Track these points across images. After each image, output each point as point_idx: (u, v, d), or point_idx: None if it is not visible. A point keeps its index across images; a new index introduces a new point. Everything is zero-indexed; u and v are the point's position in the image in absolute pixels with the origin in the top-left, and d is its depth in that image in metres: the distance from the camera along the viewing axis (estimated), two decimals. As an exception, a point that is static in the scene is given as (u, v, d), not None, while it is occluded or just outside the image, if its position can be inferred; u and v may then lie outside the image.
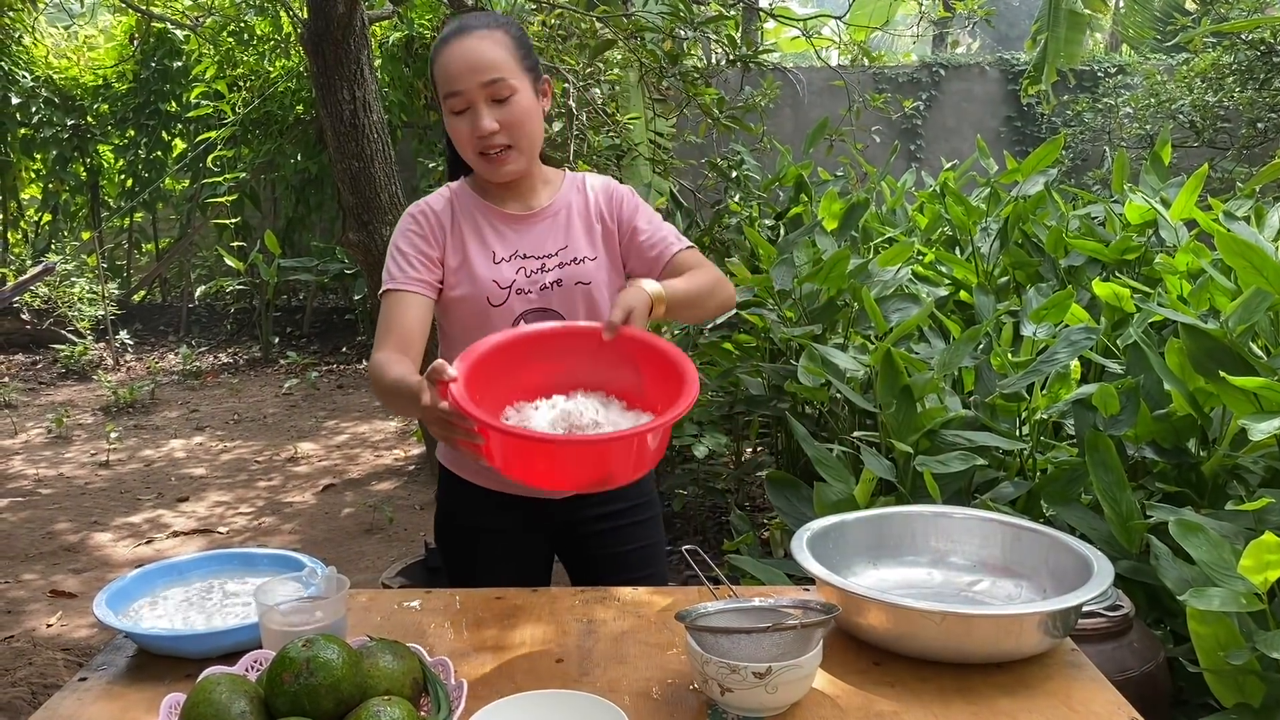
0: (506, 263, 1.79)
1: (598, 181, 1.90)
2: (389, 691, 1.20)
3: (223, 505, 5.17)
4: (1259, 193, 3.98)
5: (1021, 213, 3.80)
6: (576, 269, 1.80)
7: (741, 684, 1.24)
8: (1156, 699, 2.03)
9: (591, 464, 1.42)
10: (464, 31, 1.72)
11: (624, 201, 1.87)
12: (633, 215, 1.86)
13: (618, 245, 1.86)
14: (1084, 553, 1.50)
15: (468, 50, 1.70)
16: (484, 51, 1.70)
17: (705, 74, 4.81)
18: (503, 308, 1.76)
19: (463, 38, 1.71)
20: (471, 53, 1.70)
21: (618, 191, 1.89)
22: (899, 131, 10.59)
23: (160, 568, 1.63)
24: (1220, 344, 2.28)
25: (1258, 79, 7.86)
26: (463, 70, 1.69)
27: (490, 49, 1.70)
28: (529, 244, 1.81)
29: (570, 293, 1.79)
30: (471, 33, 1.71)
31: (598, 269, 1.82)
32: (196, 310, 10.33)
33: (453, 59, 1.71)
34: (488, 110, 1.70)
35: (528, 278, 1.78)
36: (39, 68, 9.61)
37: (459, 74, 1.70)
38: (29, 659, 3.42)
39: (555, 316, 1.76)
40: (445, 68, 1.72)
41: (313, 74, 4.36)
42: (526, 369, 1.56)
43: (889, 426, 2.65)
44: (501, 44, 1.71)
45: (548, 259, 1.80)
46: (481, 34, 1.71)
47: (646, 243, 1.84)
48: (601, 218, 1.86)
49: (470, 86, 1.69)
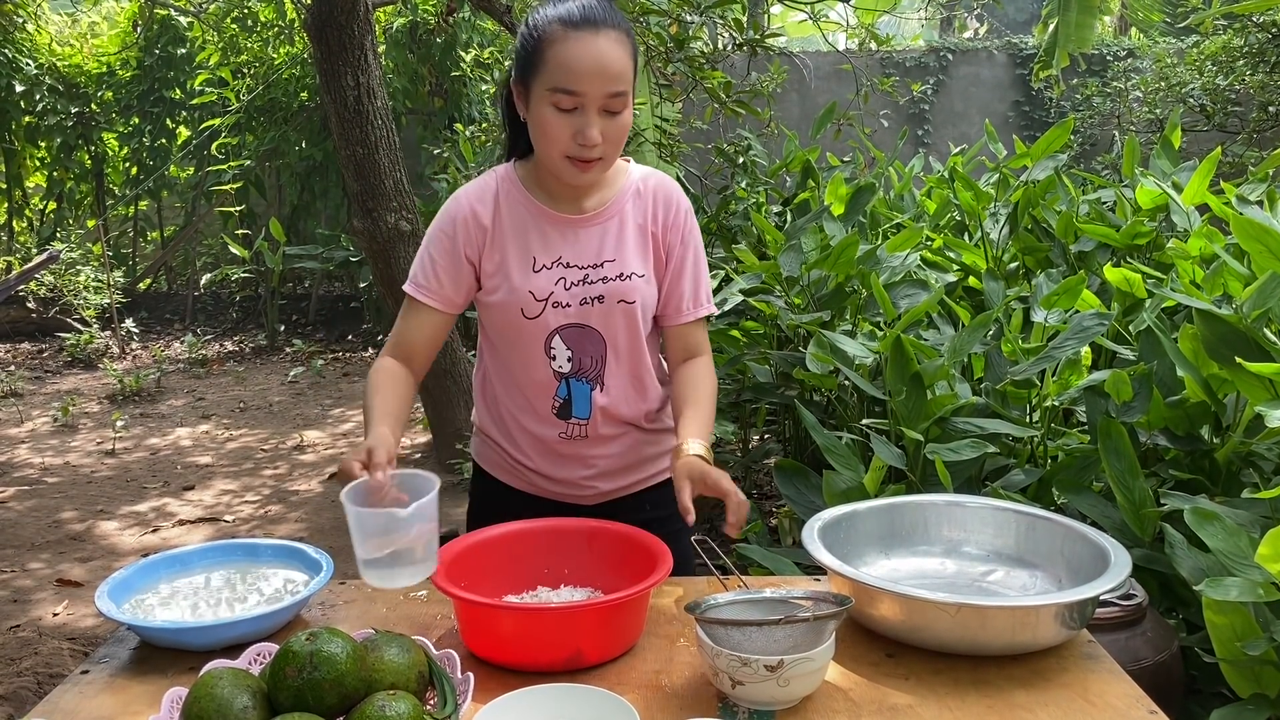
0: (547, 270, 1.68)
1: (659, 186, 1.75)
2: (394, 685, 1.18)
3: (229, 494, 5.16)
4: (1271, 176, 3.94)
5: (1031, 198, 3.77)
6: (622, 286, 1.69)
7: (753, 677, 1.22)
8: (1170, 689, 2.01)
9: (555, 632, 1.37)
10: (595, 26, 1.54)
11: (682, 225, 1.75)
12: (685, 249, 1.74)
13: (661, 267, 1.75)
14: (1100, 542, 1.47)
15: (600, 53, 1.53)
16: (615, 59, 1.55)
17: (712, 58, 4.77)
18: (537, 321, 1.69)
19: (595, 35, 1.54)
20: (604, 56, 1.54)
21: (678, 207, 1.75)
22: (906, 116, 10.54)
23: (163, 559, 1.61)
24: (1235, 329, 2.25)
25: (1269, 62, 7.78)
26: (591, 73, 1.53)
27: (620, 56, 1.55)
28: (574, 251, 1.70)
29: (611, 311, 1.69)
30: (602, 31, 1.54)
31: (646, 287, 1.71)
32: (202, 298, 10.32)
33: (581, 57, 1.53)
34: (598, 119, 1.56)
35: (567, 290, 1.68)
36: (43, 55, 9.59)
37: (585, 76, 1.53)
38: (35, 648, 3.42)
39: (593, 334, 1.70)
40: (568, 63, 1.54)
41: (317, 60, 4.34)
42: (516, 561, 1.56)
43: (899, 414, 2.62)
44: (628, 50, 1.57)
45: (592, 269, 1.69)
46: (612, 35, 1.55)
47: (673, 288, 1.74)
48: (656, 232, 1.73)
49: (592, 92, 1.54)
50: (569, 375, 1.72)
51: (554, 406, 1.74)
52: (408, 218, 4.69)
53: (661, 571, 1.42)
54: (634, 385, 1.76)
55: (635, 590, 1.37)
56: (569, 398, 1.73)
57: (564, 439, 1.76)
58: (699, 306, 1.76)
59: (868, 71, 7.62)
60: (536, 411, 1.76)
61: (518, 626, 1.37)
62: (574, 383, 1.72)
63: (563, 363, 1.71)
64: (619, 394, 1.74)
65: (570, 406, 1.74)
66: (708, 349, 1.80)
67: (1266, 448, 2.34)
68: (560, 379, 1.72)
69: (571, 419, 1.75)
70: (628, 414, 1.77)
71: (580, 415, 1.74)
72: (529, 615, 1.38)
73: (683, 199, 1.77)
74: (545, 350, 1.71)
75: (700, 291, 1.76)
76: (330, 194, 9.35)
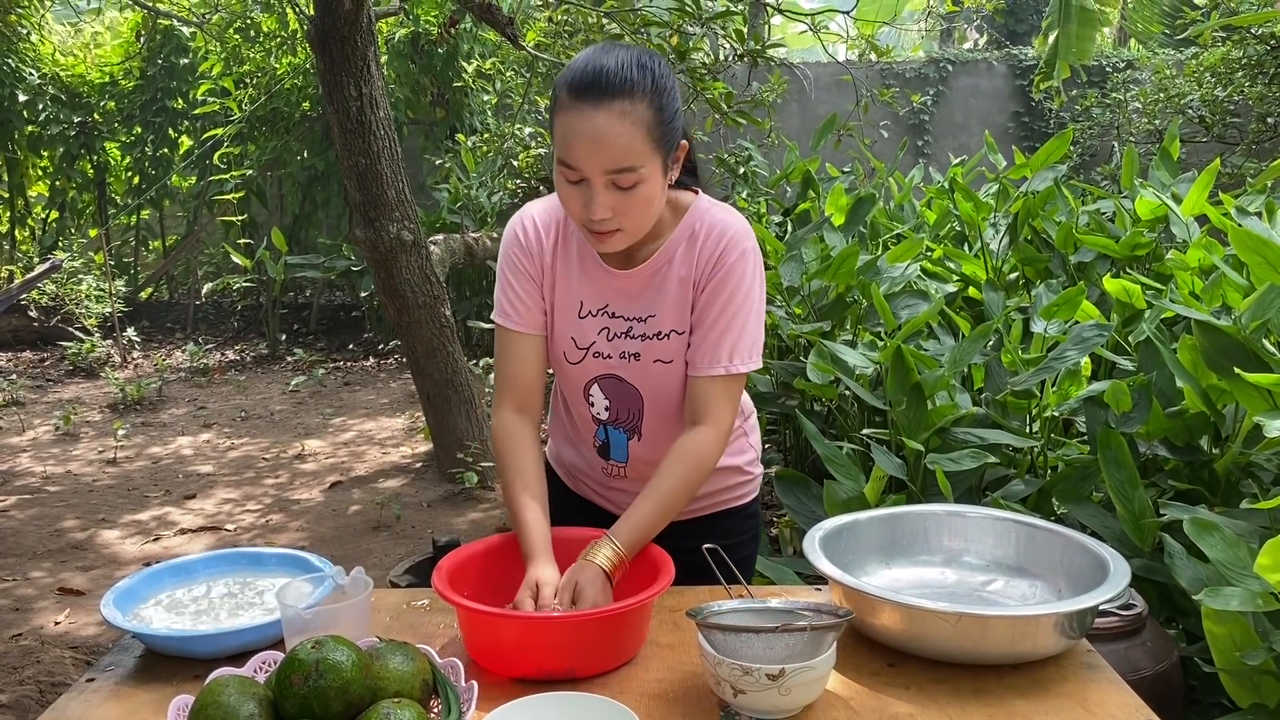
0: (592, 318, 1.63)
1: (712, 229, 1.59)
2: (399, 693, 1.19)
3: (230, 502, 5.17)
4: (1270, 188, 3.95)
5: (1031, 208, 3.78)
6: (659, 345, 1.61)
7: (754, 685, 1.23)
8: (1170, 699, 2.02)
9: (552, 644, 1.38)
10: (599, 99, 1.42)
11: (723, 270, 1.57)
12: (715, 295, 1.57)
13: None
14: (1100, 552, 1.48)
15: (599, 131, 1.42)
16: (615, 136, 1.43)
17: (713, 69, 4.79)
18: (578, 367, 1.66)
19: (597, 110, 1.42)
20: (604, 134, 1.42)
21: (725, 251, 1.57)
22: (906, 127, 10.56)
23: (168, 568, 1.62)
24: (1234, 340, 2.26)
25: (1268, 73, 7.81)
26: (586, 152, 1.44)
27: (623, 133, 1.43)
28: (620, 300, 1.62)
29: (645, 370, 1.63)
30: (607, 104, 1.42)
31: (682, 346, 1.61)
32: (204, 307, 10.34)
33: (579, 132, 1.44)
34: (605, 193, 1.46)
35: (609, 341, 1.63)
36: (46, 65, 9.62)
37: (580, 154, 1.44)
38: (36, 657, 3.42)
39: (630, 389, 1.65)
40: (566, 136, 1.45)
41: (319, 70, 4.36)
42: (520, 570, 1.54)
43: (899, 424, 2.63)
44: (639, 122, 1.43)
45: (635, 323, 1.62)
46: (618, 109, 1.42)
47: (696, 336, 1.60)
48: (697, 280, 1.59)
49: (591, 169, 1.45)
50: (607, 422, 1.71)
51: (595, 445, 1.75)
52: (410, 227, 4.71)
53: (664, 581, 1.43)
54: (674, 435, 1.64)
55: (638, 599, 1.38)
56: (607, 441, 1.73)
57: (606, 473, 1.77)
58: (716, 363, 1.57)
59: (868, 82, 7.65)
60: (584, 441, 1.77)
61: (520, 635, 1.37)
62: (611, 430, 1.71)
63: (600, 410, 1.70)
64: (656, 445, 1.68)
65: (609, 449, 1.74)
66: (720, 416, 1.59)
67: (1265, 458, 2.35)
68: (599, 424, 1.72)
69: (610, 460, 1.75)
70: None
71: (618, 459, 1.74)
72: (531, 624, 1.38)
73: (738, 238, 1.59)
74: (584, 396, 1.69)
75: (725, 345, 1.57)
76: (332, 203, 9.37)
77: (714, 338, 1.57)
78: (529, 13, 7.01)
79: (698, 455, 1.57)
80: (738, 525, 1.82)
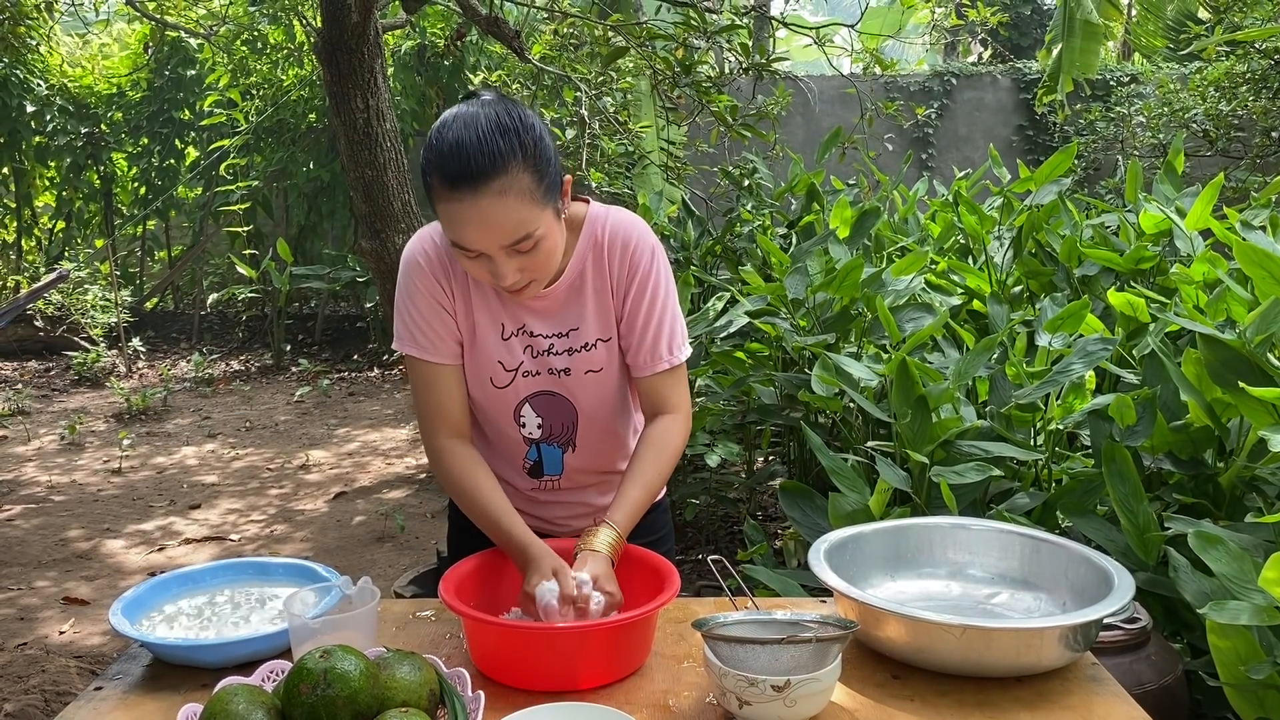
0: (515, 338, 1.62)
1: (616, 231, 1.62)
2: (406, 703, 1.20)
3: (235, 513, 5.18)
4: (1274, 202, 3.96)
5: (1035, 222, 3.79)
6: (587, 356, 1.63)
7: (759, 697, 1.23)
8: (1174, 713, 2.02)
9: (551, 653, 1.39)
10: (474, 184, 1.38)
11: (639, 271, 1.61)
12: (640, 297, 1.62)
13: (620, 320, 1.65)
14: (1104, 565, 1.49)
15: (485, 216, 1.40)
16: (502, 216, 1.40)
17: (718, 82, 4.81)
18: (506, 390, 1.64)
19: (476, 197, 1.39)
20: (490, 218, 1.40)
21: (636, 251, 1.61)
22: (911, 140, 10.59)
23: (175, 577, 1.62)
24: (1238, 354, 2.27)
25: (1272, 88, 7.83)
26: (477, 235, 1.42)
27: (508, 209, 1.40)
28: (537, 320, 1.62)
29: (578, 382, 1.65)
30: (482, 189, 1.38)
31: (609, 353, 1.65)
32: (209, 317, 10.36)
33: (462, 221, 1.41)
34: (508, 261, 1.46)
35: (534, 359, 1.63)
36: (54, 76, 9.67)
37: (472, 239, 1.43)
38: (42, 666, 3.43)
39: (564, 402, 1.66)
40: (453, 225, 1.43)
41: (327, 83, 4.38)
42: (511, 580, 1.56)
43: (904, 436, 2.64)
44: (520, 193, 1.41)
45: (557, 339, 1.62)
46: (496, 188, 1.39)
47: (631, 340, 1.64)
48: (613, 289, 1.62)
49: (487, 248, 1.44)
50: (539, 440, 1.70)
51: (525, 466, 1.73)
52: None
53: (670, 593, 1.43)
54: (608, 441, 1.72)
55: (644, 610, 1.38)
56: (539, 460, 1.72)
57: (537, 490, 1.76)
58: (659, 360, 1.63)
59: (872, 96, 7.67)
60: (510, 465, 1.74)
61: (526, 646, 1.38)
62: (545, 447, 1.71)
63: (533, 430, 1.69)
64: (592, 452, 1.72)
65: (541, 467, 1.73)
66: (677, 403, 1.66)
67: (1270, 472, 2.35)
68: (530, 444, 1.70)
69: (544, 478, 1.74)
70: (603, 466, 1.75)
71: (551, 473, 1.73)
72: (537, 634, 1.39)
73: (643, 240, 1.62)
74: (514, 418, 1.68)
75: (662, 342, 1.63)
76: (337, 214, 9.40)
77: (650, 339, 1.63)
78: (535, 26, 7.03)
79: (670, 440, 1.64)
80: (656, 521, 1.80)
